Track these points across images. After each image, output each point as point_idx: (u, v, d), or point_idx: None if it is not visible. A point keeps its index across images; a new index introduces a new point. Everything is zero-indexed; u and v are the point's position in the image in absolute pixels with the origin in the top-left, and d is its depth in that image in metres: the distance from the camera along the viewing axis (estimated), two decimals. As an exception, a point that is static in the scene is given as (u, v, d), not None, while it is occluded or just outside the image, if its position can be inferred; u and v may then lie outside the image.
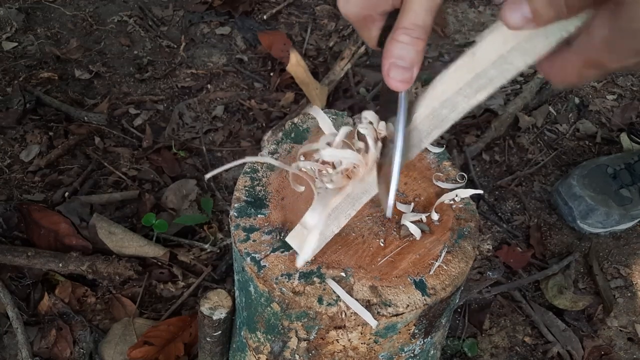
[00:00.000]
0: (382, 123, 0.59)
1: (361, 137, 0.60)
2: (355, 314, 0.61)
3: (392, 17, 0.55)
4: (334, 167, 0.61)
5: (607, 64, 0.45)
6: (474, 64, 0.52)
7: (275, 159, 0.75)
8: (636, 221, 1.38)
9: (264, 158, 0.61)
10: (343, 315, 0.61)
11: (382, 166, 0.59)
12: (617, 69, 0.46)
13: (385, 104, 0.60)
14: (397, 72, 0.53)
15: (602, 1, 0.44)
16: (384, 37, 0.56)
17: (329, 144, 0.59)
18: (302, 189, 0.65)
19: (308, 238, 0.60)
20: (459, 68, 0.53)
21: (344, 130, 0.60)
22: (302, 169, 0.61)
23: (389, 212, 0.58)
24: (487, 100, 1.61)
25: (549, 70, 0.49)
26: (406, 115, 0.55)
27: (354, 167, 0.60)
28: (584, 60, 0.46)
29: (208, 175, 0.55)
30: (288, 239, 0.64)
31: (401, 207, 0.70)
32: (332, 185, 0.60)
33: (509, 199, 1.44)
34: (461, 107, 0.54)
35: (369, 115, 0.59)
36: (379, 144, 0.58)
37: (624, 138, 1.56)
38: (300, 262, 0.61)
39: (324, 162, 0.62)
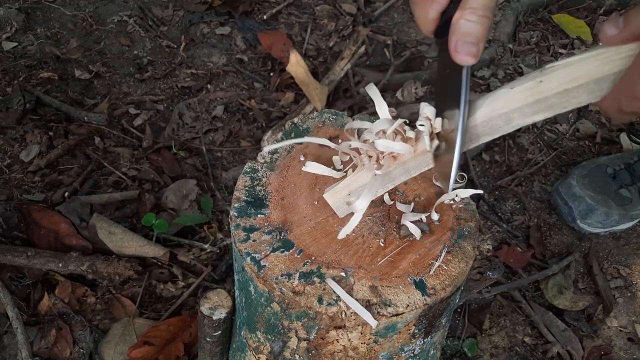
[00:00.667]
0: (438, 120, 0.61)
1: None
2: (355, 313, 0.61)
3: (453, 6, 0.57)
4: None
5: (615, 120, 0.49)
6: (538, 90, 0.55)
7: (275, 159, 0.75)
8: (636, 221, 1.38)
9: (304, 139, 0.67)
10: (343, 315, 0.61)
11: (439, 159, 0.62)
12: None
13: (441, 96, 0.61)
14: (465, 47, 0.55)
15: None
16: (442, 27, 0.58)
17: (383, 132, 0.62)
18: (341, 163, 0.70)
19: (353, 218, 0.62)
20: (523, 90, 0.56)
21: (399, 122, 0.63)
22: (352, 147, 0.65)
23: (451, 186, 0.60)
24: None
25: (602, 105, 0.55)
26: (468, 92, 0.57)
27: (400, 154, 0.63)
28: (619, 90, 0.51)
29: (268, 148, 0.59)
30: (326, 196, 0.66)
31: (401, 207, 0.70)
32: (382, 171, 0.63)
33: (508, 199, 1.44)
34: (515, 123, 0.58)
35: (428, 110, 0.62)
36: (435, 141, 0.61)
37: (623, 138, 1.56)
38: (342, 234, 0.64)
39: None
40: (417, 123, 0.61)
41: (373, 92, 0.66)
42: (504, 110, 0.57)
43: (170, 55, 1.68)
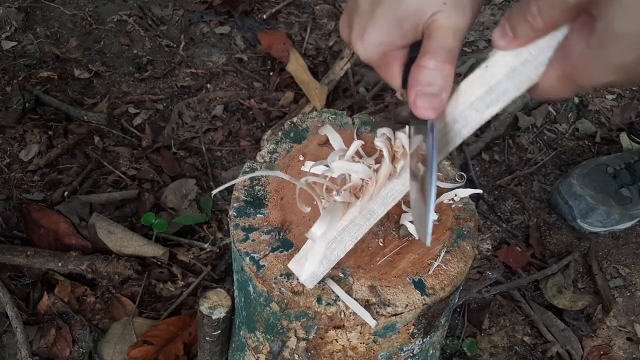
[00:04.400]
0: (400, 137, 0.57)
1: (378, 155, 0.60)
2: (354, 313, 0.61)
3: (413, 50, 0.52)
4: (342, 185, 0.60)
5: (582, 80, 0.45)
6: (487, 78, 0.51)
7: (274, 159, 0.75)
8: (636, 221, 1.38)
9: (274, 172, 0.60)
10: (342, 315, 0.61)
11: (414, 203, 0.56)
12: (591, 87, 0.46)
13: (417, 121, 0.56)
14: (425, 100, 0.50)
15: (577, 14, 0.44)
16: (407, 76, 0.53)
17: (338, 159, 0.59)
18: (309, 209, 0.65)
19: (315, 248, 0.58)
20: (471, 83, 0.52)
21: (356, 144, 0.59)
22: (310, 183, 0.60)
23: (429, 241, 0.51)
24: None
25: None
26: (437, 146, 0.51)
27: (364, 184, 0.59)
28: (560, 74, 0.47)
29: (215, 192, 0.55)
30: (291, 266, 0.62)
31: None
32: (341, 198, 0.58)
33: (508, 199, 1.44)
34: (473, 122, 0.53)
35: (385, 130, 0.58)
36: (401, 161, 0.57)
37: (623, 138, 1.56)
38: (305, 281, 0.60)
39: (332, 180, 0.61)
40: (375, 140, 0.57)
41: (328, 130, 0.66)
42: (458, 110, 0.52)
43: (169, 54, 1.68)
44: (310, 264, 0.59)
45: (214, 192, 0.55)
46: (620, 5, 0.40)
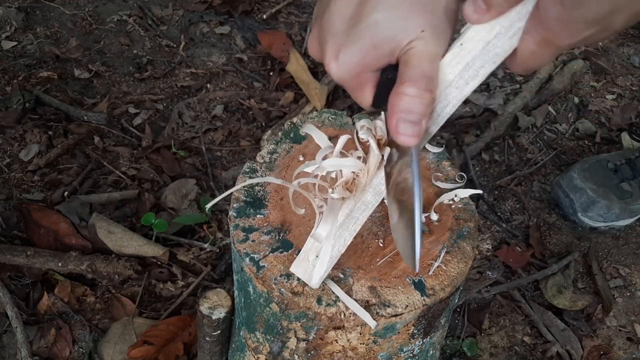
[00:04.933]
0: (379, 123, 0.58)
1: (362, 145, 0.60)
2: (355, 314, 0.61)
3: (386, 72, 0.53)
4: (334, 181, 0.60)
5: (560, 41, 0.45)
6: (463, 55, 0.51)
7: (274, 159, 0.75)
8: (635, 218, 1.38)
9: (266, 179, 0.61)
10: (342, 316, 0.61)
11: (391, 175, 0.57)
12: (570, 46, 0.46)
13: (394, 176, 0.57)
14: (407, 127, 0.50)
15: None
16: (378, 95, 0.54)
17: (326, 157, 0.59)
18: (302, 211, 0.65)
19: (323, 249, 0.59)
20: (448, 62, 0.52)
21: (343, 139, 0.59)
22: (303, 184, 0.60)
23: (417, 267, 0.53)
24: (486, 100, 1.62)
25: (508, 58, 0.50)
26: (419, 169, 0.52)
27: (355, 177, 0.60)
28: (538, 40, 0.47)
29: (209, 205, 0.55)
30: (293, 269, 0.62)
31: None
32: (337, 195, 0.59)
33: (508, 199, 1.44)
34: (455, 100, 0.53)
35: (365, 122, 0.59)
36: (386, 148, 0.57)
37: (624, 137, 1.56)
38: (316, 284, 0.60)
39: (323, 177, 0.62)
40: (359, 134, 0.58)
41: (310, 129, 0.66)
42: (440, 89, 0.52)
43: (169, 54, 1.68)
44: (320, 267, 0.59)
45: (209, 204, 0.55)
46: None
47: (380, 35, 0.50)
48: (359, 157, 0.60)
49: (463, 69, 0.52)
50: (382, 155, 0.58)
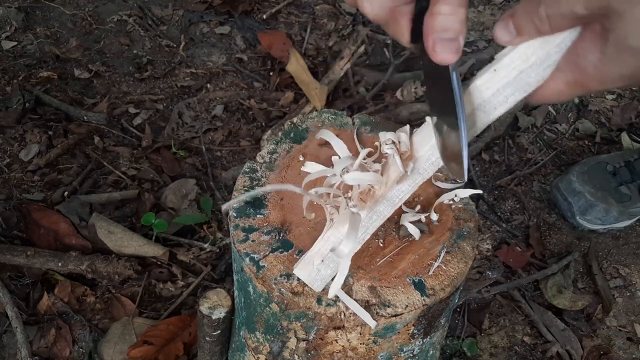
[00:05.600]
0: (403, 138, 0.57)
1: (382, 157, 0.59)
2: (355, 314, 0.61)
3: (420, 2, 0.52)
4: (347, 188, 0.60)
5: (592, 86, 0.46)
6: (495, 81, 0.51)
7: (274, 159, 0.75)
8: (634, 219, 1.38)
9: (286, 186, 0.59)
10: (342, 316, 0.61)
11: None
12: (598, 90, 0.47)
13: (433, 94, 0.56)
14: (444, 46, 0.50)
15: (587, 24, 0.44)
16: (415, 30, 0.53)
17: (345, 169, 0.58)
18: (313, 215, 0.65)
19: (342, 265, 0.58)
20: (478, 85, 0.52)
21: (364, 152, 0.59)
22: (320, 194, 0.60)
23: (465, 175, 0.53)
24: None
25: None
26: (461, 88, 0.52)
27: (371, 187, 0.60)
28: (568, 79, 0.47)
29: (225, 207, 0.55)
30: (297, 272, 0.61)
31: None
32: (357, 209, 0.58)
33: (508, 199, 1.44)
34: (480, 124, 0.54)
35: (389, 135, 0.58)
36: (410, 162, 0.57)
37: (624, 137, 1.56)
38: (332, 293, 0.60)
39: (340, 188, 0.61)
40: (385, 149, 0.57)
41: (328, 135, 0.65)
42: (467, 112, 0.53)
43: (169, 54, 1.68)
44: (339, 280, 0.59)
45: (225, 205, 0.55)
46: (634, 20, 0.41)
47: None
48: (377, 170, 0.59)
49: (492, 95, 0.52)
50: (406, 172, 0.57)
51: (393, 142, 0.58)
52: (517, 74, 0.50)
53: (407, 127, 0.58)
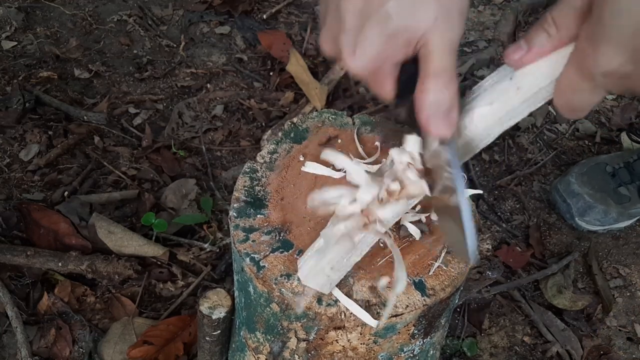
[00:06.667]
0: (416, 155, 0.55)
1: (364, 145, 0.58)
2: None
3: (406, 66, 0.53)
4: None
5: (594, 66, 0.45)
6: (515, 98, 0.52)
7: (275, 159, 0.75)
8: (634, 220, 1.38)
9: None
10: (342, 316, 0.61)
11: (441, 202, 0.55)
12: (604, 79, 0.45)
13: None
14: (438, 122, 0.51)
15: (584, 18, 0.46)
16: (401, 90, 0.54)
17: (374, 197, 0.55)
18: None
19: (390, 301, 0.59)
20: (503, 104, 0.53)
21: (388, 183, 0.55)
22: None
23: (473, 259, 0.51)
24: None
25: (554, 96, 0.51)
26: (458, 161, 0.52)
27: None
28: (575, 68, 0.48)
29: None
30: (306, 282, 0.61)
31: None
32: (390, 241, 0.57)
33: (508, 199, 1.44)
34: (494, 135, 0.55)
35: (406, 158, 0.55)
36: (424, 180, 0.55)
37: (624, 137, 1.56)
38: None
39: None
40: (407, 174, 0.54)
41: (338, 158, 0.59)
42: (486, 125, 0.54)
43: (169, 54, 1.68)
44: (388, 313, 0.60)
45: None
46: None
47: (394, 26, 0.50)
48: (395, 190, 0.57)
49: (512, 109, 0.53)
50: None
51: (410, 165, 0.55)
52: (536, 90, 0.51)
53: (417, 138, 0.55)
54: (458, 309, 1.21)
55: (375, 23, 0.50)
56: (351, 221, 0.55)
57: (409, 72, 0.53)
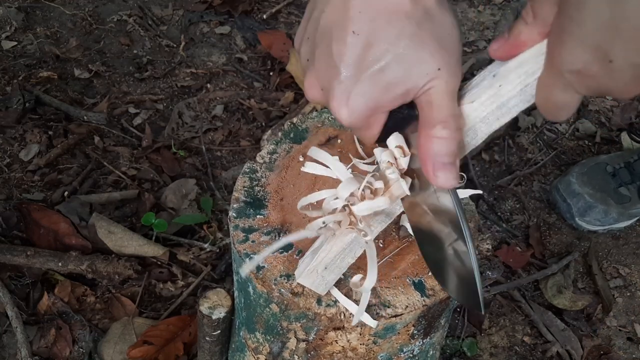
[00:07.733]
0: (404, 159, 0.55)
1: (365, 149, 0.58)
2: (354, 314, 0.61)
3: (396, 111, 0.52)
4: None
5: (561, 63, 0.43)
6: (499, 95, 0.51)
7: (274, 159, 0.75)
8: (634, 220, 1.38)
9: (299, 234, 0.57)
10: (342, 317, 0.61)
11: (416, 205, 0.56)
12: (571, 72, 0.43)
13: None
14: (445, 171, 0.49)
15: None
16: (384, 132, 0.53)
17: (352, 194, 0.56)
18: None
19: (363, 297, 0.59)
20: (483, 101, 0.52)
21: (367, 179, 0.56)
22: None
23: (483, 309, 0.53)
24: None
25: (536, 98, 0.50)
26: (465, 218, 0.52)
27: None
28: (547, 65, 0.46)
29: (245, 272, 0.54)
30: (301, 280, 0.61)
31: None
32: (369, 237, 0.57)
33: (508, 199, 1.44)
34: (482, 134, 0.54)
35: (384, 156, 0.56)
36: (408, 179, 0.55)
37: (624, 137, 1.56)
38: (356, 320, 0.60)
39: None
40: (387, 173, 0.55)
41: (320, 154, 0.61)
42: (469, 125, 0.52)
43: (169, 54, 1.68)
44: (362, 311, 0.60)
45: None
46: None
47: (394, 78, 0.48)
48: (379, 188, 0.58)
49: (497, 108, 0.52)
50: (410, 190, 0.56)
51: (391, 164, 0.55)
52: (522, 87, 0.50)
53: (399, 136, 0.55)
54: (458, 309, 1.21)
55: (375, 75, 0.48)
56: (334, 216, 0.56)
57: (397, 117, 0.52)
